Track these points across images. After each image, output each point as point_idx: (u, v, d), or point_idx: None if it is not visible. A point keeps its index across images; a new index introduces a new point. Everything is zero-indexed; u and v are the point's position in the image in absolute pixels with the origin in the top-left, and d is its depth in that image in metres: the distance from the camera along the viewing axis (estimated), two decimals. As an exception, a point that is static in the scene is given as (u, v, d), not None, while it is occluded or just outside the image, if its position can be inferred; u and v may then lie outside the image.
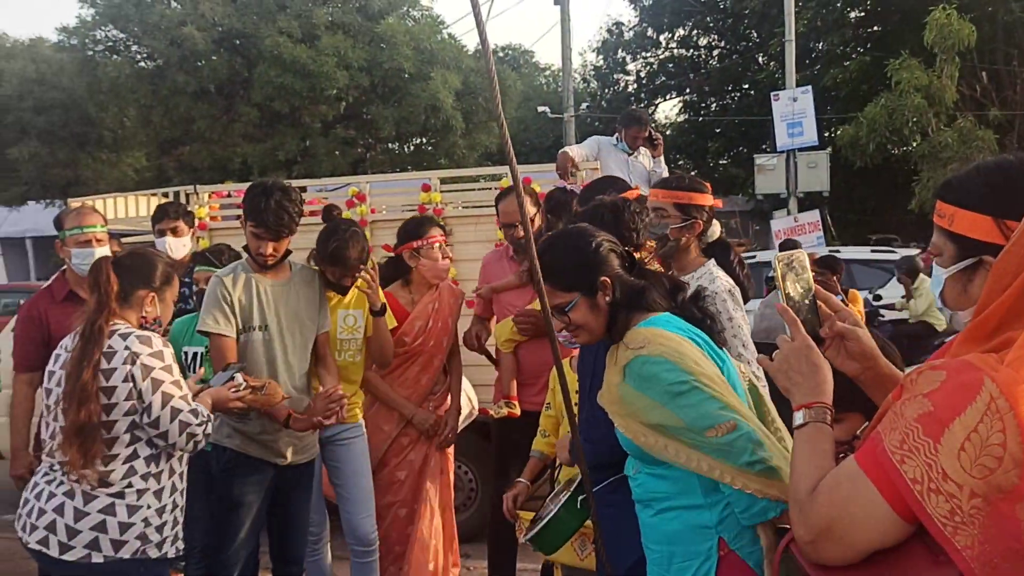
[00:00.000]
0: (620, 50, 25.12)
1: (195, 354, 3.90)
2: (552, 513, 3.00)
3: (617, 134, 6.12)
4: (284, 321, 3.51)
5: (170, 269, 3.09)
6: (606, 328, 2.26)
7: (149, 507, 2.75)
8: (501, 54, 18.99)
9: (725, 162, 22.86)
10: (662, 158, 6.14)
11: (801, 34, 16.98)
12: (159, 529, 2.77)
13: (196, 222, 5.34)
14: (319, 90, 15.15)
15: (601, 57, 25.83)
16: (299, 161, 16.34)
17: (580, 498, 2.89)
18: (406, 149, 19.06)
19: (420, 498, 4.17)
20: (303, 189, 5.94)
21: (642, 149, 6.07)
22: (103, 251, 3.87)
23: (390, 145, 18.63)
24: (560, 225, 3.90)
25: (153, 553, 2.75)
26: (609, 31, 25.59)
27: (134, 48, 16.46)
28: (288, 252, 3.52)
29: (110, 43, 16.59)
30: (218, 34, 15.38)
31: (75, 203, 7.30)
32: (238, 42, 15.91)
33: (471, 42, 18.22)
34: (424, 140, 18.30)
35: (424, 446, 4.18)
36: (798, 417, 1.60)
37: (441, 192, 6.23)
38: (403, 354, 4.11)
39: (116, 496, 2.70)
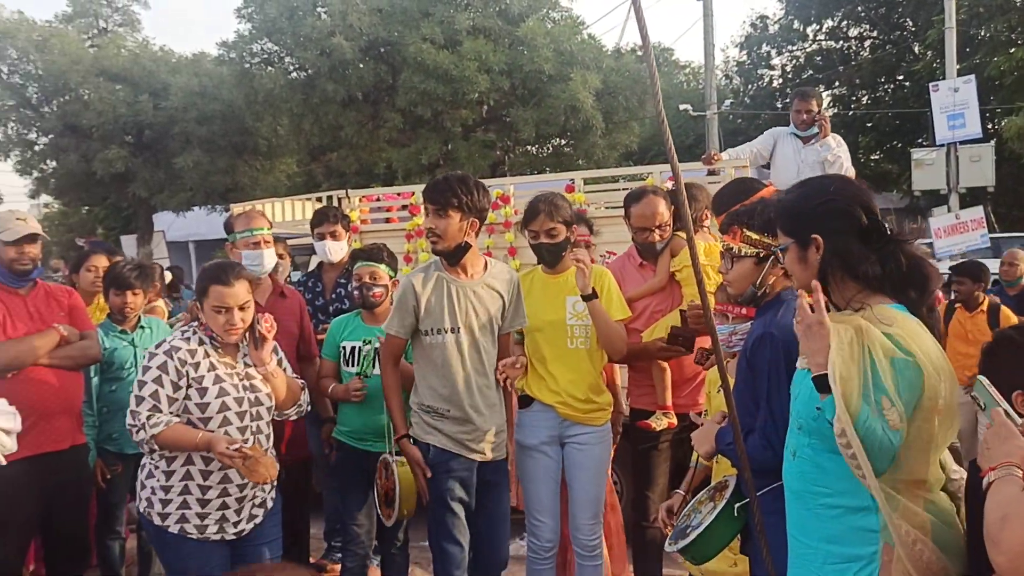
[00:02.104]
0: (764, 44, 24.46)
1: (352, 348, 4.03)
2: (706, 522, 2.91)
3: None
4: (476, 323, 3.54)
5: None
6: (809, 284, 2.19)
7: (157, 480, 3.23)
8: (639, 52, 18.76)
9: (877, 157, 21.90)
10: (830, 139, 5.92)
11: (962, 21, 16.03)
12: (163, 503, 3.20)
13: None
14: (461, 94, 15.41)
15: (744, 52, 25.21)
16: (441, 164, 16.68)
17: (737, 505, 2.80)
18: (545, 151, 19.14)
19: None
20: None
21: (831, 137, 5.89)
22: (270, 253, 4.07)
23: (528, 147, 18.75)
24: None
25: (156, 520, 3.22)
26: (753, 25, 24.97)
27: (287, 60, 17.19)
28: (466, 246, 3.55)
29: (265, 56, 17.39)
30: (365, 43, 15.88)
31: (237, 208, 7.69)
32: (383, 50, 16.38)
33: (611, 42, 18.13)
34: (563, 141, 18.32)
35: None
36: (991, 474, 1.78)
37: (584, 193, 6.21)
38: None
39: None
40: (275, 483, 3.40)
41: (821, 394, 2.00)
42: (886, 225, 2.20)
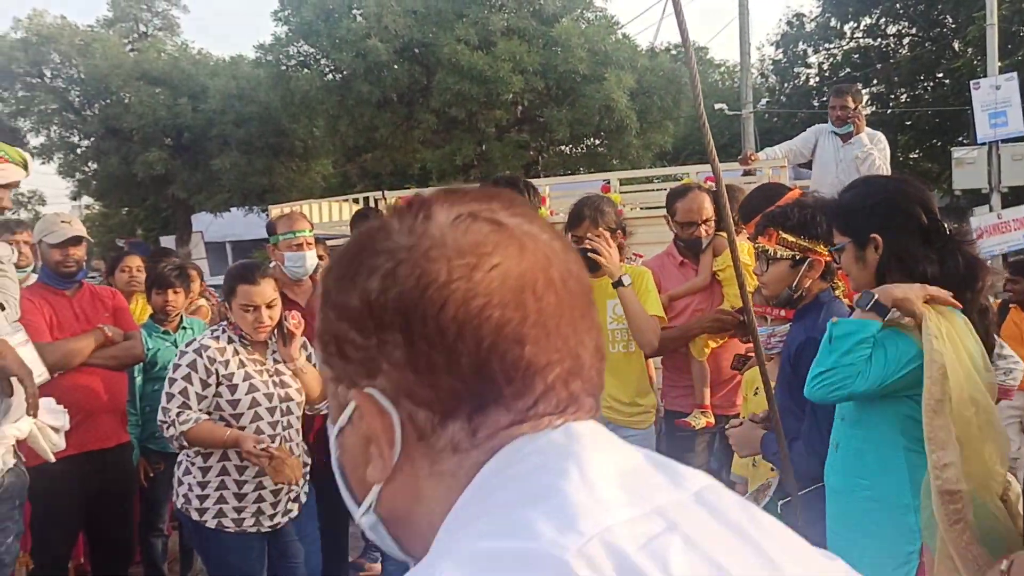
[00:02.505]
0: (801, 42, 24.21)
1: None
2: None
3: None
4: None
5: None
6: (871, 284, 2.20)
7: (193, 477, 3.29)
8: (673, 51, 18.68)
9: (916, 156, 21.59)
10: (863, 136, 5.85)
11: (1004, 17, 15.75)
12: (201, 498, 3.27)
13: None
14: (495, 95, 15.44)
15: (780, 51, 24.97)
16: (475, 165, 16.73)
17: (781, 503, 2.78)
18: (579, 151, 19.11)
19: None
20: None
21: (864, 134, 5.84)
22: (312, 254, 4.11)
23: (562, 148, 18.74)
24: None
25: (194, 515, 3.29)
26: (789, 23, 24.71)
27: (323, 62, 17.34)
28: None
29: (301, 58, 17.57)
30: (400, 44, 15.97)
31: (276, 210, 7.77)
32: (418, 51, 16.46)
33: (645, 41, 18.07)
34: (597, 142, 18.29)
35: None
36: None
37: (620, 193, 6.20)
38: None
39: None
40: (308, 478, 3.45)
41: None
42: (945, 225, 2.19)
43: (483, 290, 0.67)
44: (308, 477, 3.46)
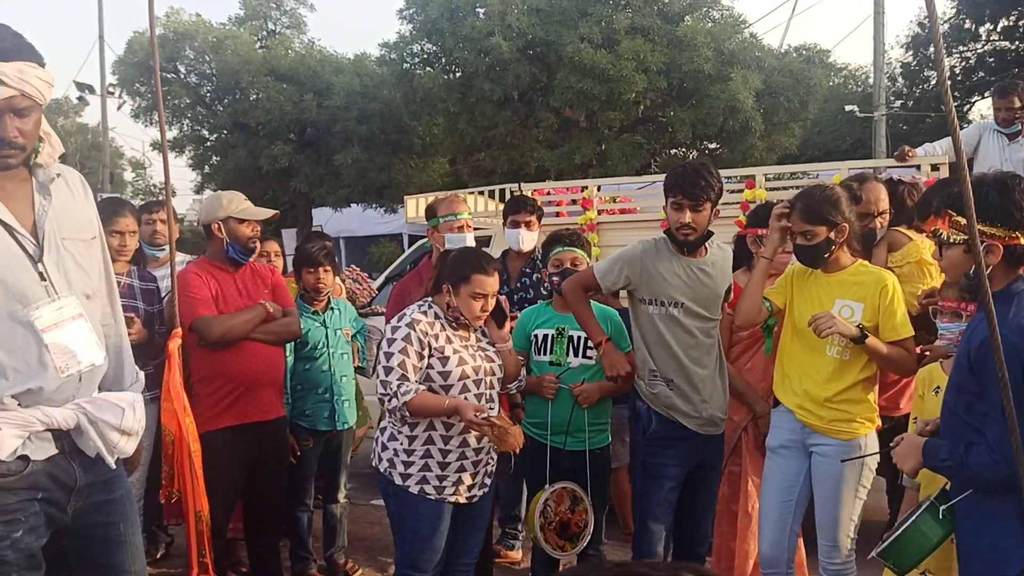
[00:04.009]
0: (932, 45, 23.23)
1: (545, 336, 4.01)
2: (907, 524, 2.74)
3: None
4: (696, 303, 3.56)
5: None
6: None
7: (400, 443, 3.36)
8: (795, 54, 18.13)
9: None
10: None
11: None
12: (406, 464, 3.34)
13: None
14: (617, 94, 15.29)
15: (911, 53, 24.04)
16: (594, 164, 16.62)
17: (943, 508, 2.63)
18: (695, 153, 18.76)
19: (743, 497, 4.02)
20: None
21: None
22: (471, 236, 4.13)
23: (674, 151, 18.43)
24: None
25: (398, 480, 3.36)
26: (920, 24, 23.78)
27: (445, 60, 17.54)
28: (709, 234, 3.55)
29: (424, 56, 17.81)
30: (523, 43, 16.00)
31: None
32: (540, 50, 16.46)
33: (774, 40, 17.63)
34: (717, 145, 17.93)
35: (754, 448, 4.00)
36: None
37: (766, 189, 6.03)
38: (748, 338, 3.97)
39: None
40: (496, 455, 3.48)
41: None
42: None
43: None
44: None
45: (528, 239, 4.67)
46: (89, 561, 2.54)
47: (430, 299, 3.49)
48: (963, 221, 2.65)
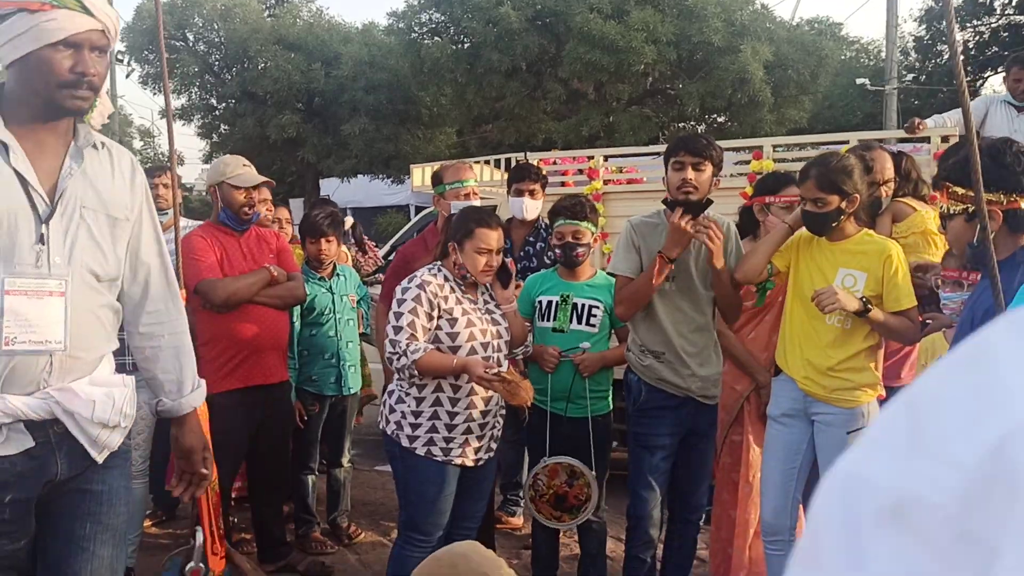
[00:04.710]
0: (945, 18, 22.96)
1: (549, 303, 4.02)
2: None
3: None
4: (688, 277, 3.58)
5: None
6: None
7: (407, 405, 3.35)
8: (807, 27, 17.94)
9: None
10: None
11: None
12: (413, 426, 3.33)
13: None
14: (626, 65, 15.17)
15: (923, 27, 23.79)
16: (602, 136, 16.53)
17: None
18: (705, 126, 18.64)
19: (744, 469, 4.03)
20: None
21: None
22: (477, 204, 4.13)
23: (682, 124, 18.28)
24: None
25: (404, 442, 3.34)
26: (935, -3, 23.52)
27: (453, 29, 17.41)
28: (709, 202, 3.51)
29: (432, 25, 17.68)
30: (531, 13, 15.87)
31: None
32: (549, 20, 16.32)
33: (784, 11, 17.45)
34: (726, 118, 17.80)
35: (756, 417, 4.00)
36: None
37: (773, 160, 6.00)
38: (751, 308, 3.96)
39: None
40: (502, 419, 3.51)
41: None
42: None
43: None
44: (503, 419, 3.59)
45: (532, 207, 4.64)
46: (40, 561, 2.14)
47: (439, 263, 3.49)
48: (960, 190, 2.66)
